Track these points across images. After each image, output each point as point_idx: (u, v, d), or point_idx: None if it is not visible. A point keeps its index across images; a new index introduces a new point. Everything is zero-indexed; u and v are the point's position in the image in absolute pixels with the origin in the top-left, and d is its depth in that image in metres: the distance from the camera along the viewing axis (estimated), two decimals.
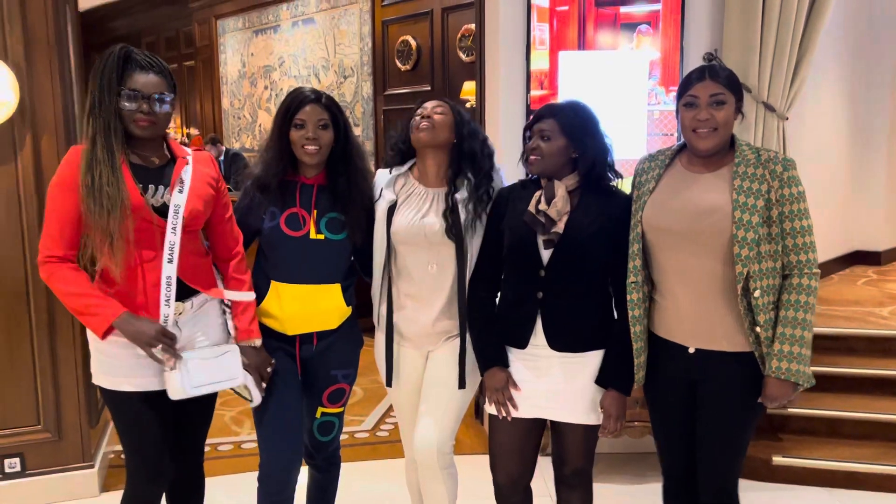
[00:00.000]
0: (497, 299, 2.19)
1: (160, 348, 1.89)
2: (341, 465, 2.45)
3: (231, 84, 10.13)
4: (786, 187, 1.91)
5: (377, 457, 3.48)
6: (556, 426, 2.14)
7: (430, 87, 6.95)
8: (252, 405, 2.17)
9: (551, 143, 2.03)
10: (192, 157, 2.03)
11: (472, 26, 4.27)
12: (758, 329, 1.93)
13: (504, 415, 2.10)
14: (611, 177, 2.11)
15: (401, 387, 2.31)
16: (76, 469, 2.98)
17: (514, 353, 2.11)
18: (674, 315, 2.03)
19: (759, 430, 3.35)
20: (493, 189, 2.19)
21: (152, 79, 1.90)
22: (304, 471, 2.33)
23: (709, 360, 1.99)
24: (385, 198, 2.19)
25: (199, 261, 2.05)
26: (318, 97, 2.15)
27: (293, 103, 2.14)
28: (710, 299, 1.96)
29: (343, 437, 2.43)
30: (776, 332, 1.93)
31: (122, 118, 1.88)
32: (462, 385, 2.19)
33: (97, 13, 11.57)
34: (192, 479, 2.24)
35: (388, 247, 2.19)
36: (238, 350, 2.07)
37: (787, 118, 3.24)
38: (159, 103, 1.91)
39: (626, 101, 3.29)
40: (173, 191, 1.94)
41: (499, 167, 2.27)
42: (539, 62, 3.29)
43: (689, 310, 1.99)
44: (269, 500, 2.20)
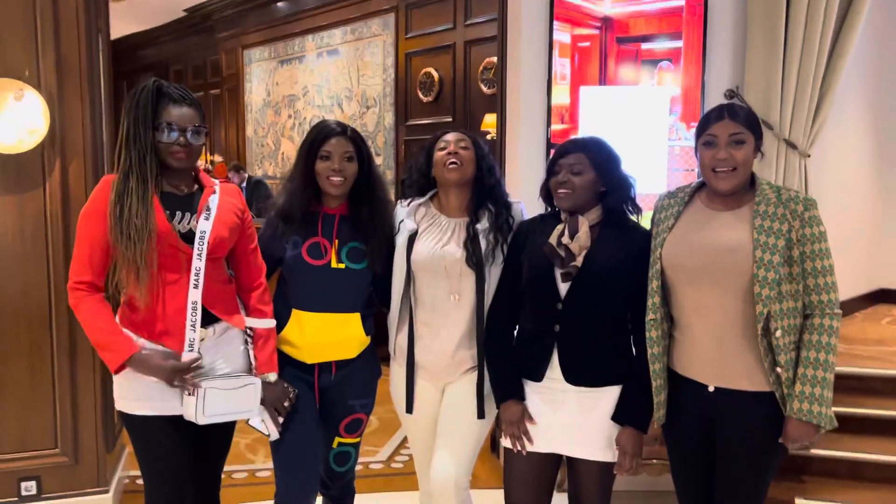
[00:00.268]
0: (514, 332, 2.18)
1: (183, 382, 1.94)
2: (356, 495, 2.43)
3: (255, 112, 10.29)
4: (807, 227, 1.90)
5: (392, 489, 3.45)
6: (571, 462, 2.12)
7: (451, 119, 7.01)
8: (270, 439, 2.17)
9: (582, 177, 2.04)
10: (219, 187, 2.07)
11: (494, 59, 4.33)
12: (779, 369, 1.91)
13: (519, 448, 2.08)
14: (631, 212, 2.11)
15: (416, 420, 2.30)
16: (92, 493, 2.98)
17: (530, 386, 2.10)
18: (693, 353, 2.01)
19: (782, 472, 3.28)
20: (512, 219, 2.20)
21: (186, 111, 1.95)
22: (319, 501, 2.32)
23: (728, 399, 1.96)
24: (406, 227, 2.21)
25: (223, 288, 2.07)
26: (343, 130, 2.19)
27: (319, 135, 2.17)
28: (730, 338, 1.95)
29: (358, 467, 2.42)
30: (797, 372, 1.90)
31: (157, 150, 1.92)
32: (481, 415, 2.18)
33: (126, 42, 11.84)
34: None
35: (408, 275, 2.20)
36: (260, 384, 2.08)
37: (810, 155, 3.22)
38: (194, 135, 1.96)
39: (647, 136, 3.30)
40: (200, 217, 1.97)
41: (519, 200, 2.28)
42: (560, 97, 3.31)
43: (709, 348, 1.97)
44: None
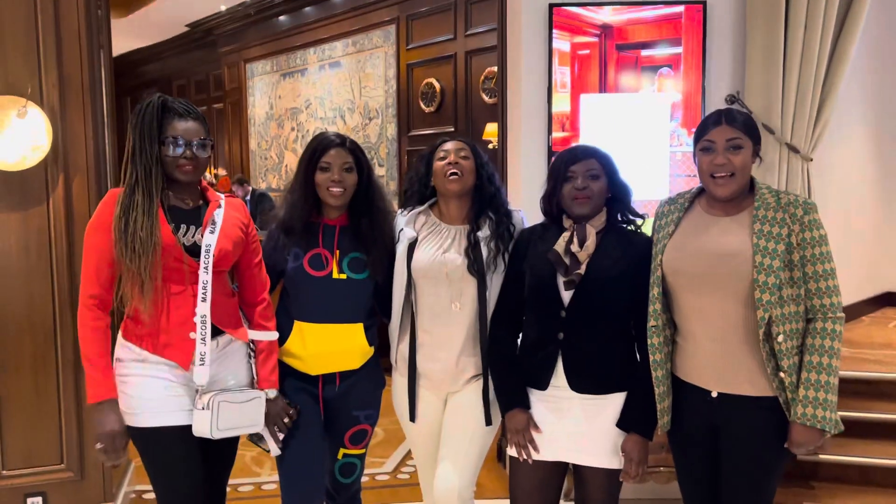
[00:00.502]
0: (518, 340, 2.18)
1: (105, 447, 1.97)
2: None
3: (259, 125, 10.34)
4: (807, 231, 1.89)
5: (398, 500, 3.43)
6: (578, 470, 2.11)
7: (453, 128, 7.03)
8: (271, 454, 2.17)
9: (599, 183, 2.04)
10: (224, 201, 2.08)
11: (495, 68, 4.34)
12: (782, 374, 1.90)
13: (525, 457, 2.07)
14: (632, 218, 2.12)
15: (419, 430, 2.29)
16: None
17: (535, 395, 2.09)
18: (696, 358, 2.00)
19: (790, 477, 3.26)
20: (513, 227, 2.20)
21: (191, 125, 1.97)
22: None
23: (732, 404, 1.95)
24: (405, 235, 2.21)
25: (227, 301, 2.07)
26: (342, 141, 2.20)
27: (319, 147, 2.18)
28: (732, 343, 1.94)
29: (363, 479, 2.41)
30: (801, 377, 1.89)
31: (163, 164, 1.94)
32: (489, 422, 2.18)
33: (129, 58, 11.93)
34: None
35: (409, 284, 2.20)
36: (264, 398, 2.09)
37: (812, 159, 3.22)
38: (200, 148, 1.97)
39: (649, 142, 3.30)
40: (205, 231, 1.99)
41: (520, 209, 2.28)
42: (561, 105, 3.31)
43: (711, 353, 1.97)
44: None
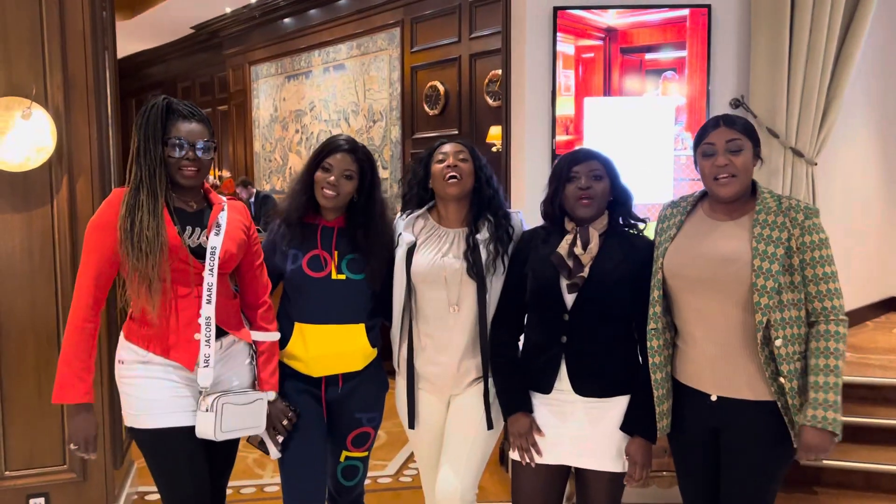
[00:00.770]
0: (520, 343, 2.18)
1: (78, 448, 1.98)
2: None
3: (263, 128, 10.35)
4: (807, 234, 1.89)
5: (400, 502, 3.43)
6: (580, 474, 2.11)
7: (457, 131, 7.03)
8: (272, 456, 2.17)
9: (603, 183, 2.05)
10: (227, 203, 2.09)
11: (499, 71, 4.34)
12: (781, 380, 1.89)
13: (528, 461, 2.07)
14: (633, 223, 2.12)
15: (421, 434, 2.29)
16: None
17: (538, 398, 2.09)
18: (695, 362, 2.00)
19: (794, 483, 3.25)
20: (512, 229, 2.20)
21: (195, 127, 1.98)
22: None
23: (731, 408, 1.95)
24: (404, 240, 2.20)
25: (228, 303, 2.08)
26: (352, 148, 2.20)
27: (327, 147, 2.20)
28: (732, 347, 1.94)
29: (366, 482, 2.40)
30: (810, 380, 1.88)
31: (166, 166, 1.95)
32: (490, 426, 2.17)
33: (134, 60, 11.96)
34: None
35: (409, 288, 2.19)
36: (266, 400, 2.10)
37: (816, 163, 3.21)
38: (203, 151, 1.98)
39: (653, 146, 3.29)
40: (210, 233, 1.99)
41: (518, 210, 2.28)
42: (565, 108, 3.31)
43: (711, 357, 1.97)
44: None
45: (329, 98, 8.99)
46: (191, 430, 1.98)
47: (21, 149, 2.66)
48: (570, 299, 2.03)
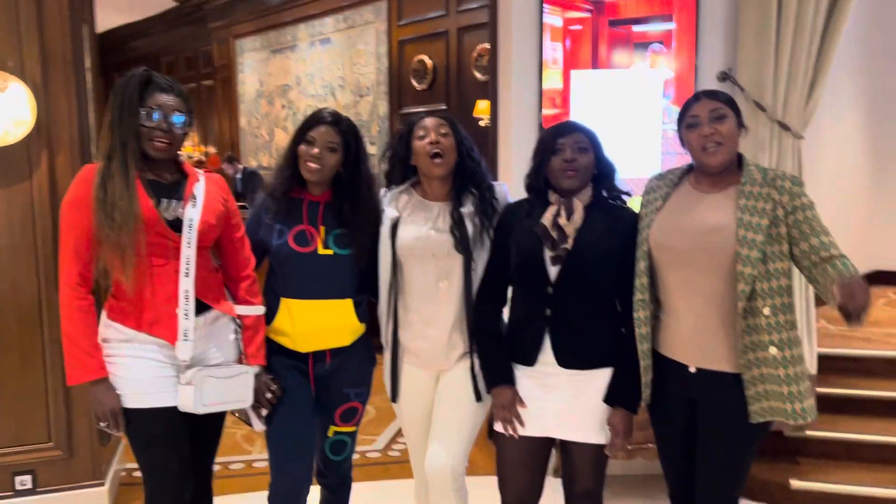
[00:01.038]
0: (503, 316, 2.17)
1: (108, 424, 1.95)
2: (352, 485, 2.43)
3: (249, 103, 10.24)
4: (796, 199, 1.90)
5: (388, 477, 3.45)
6: (565, 446, 2.12)
7: (445, 106, 6.98)
8: (255, 429, 2.17)
9: (587, 156, 2.05)
10: (203, 175, 2.07)
11: (488, 45, 4.30)
12: (773, 349, 1.90)
13: (511, 432, 2.08)
14: (617, 195, 2.12)
15: (410, 409, 2.29)
16: (87, 487, 2.98)
17: (522, 371, 2.10)
18: (676, 334, 2.01)
19: (777, 454, 3.29)
20: (496, 201, 2.18)
21: (173, 98, 1.95)
22: (315, 490, 2.31)
23: (709, 380, 1.97)
24: (387, 215, 2.19)
25: (210, 276, 2.06)
26: (336, 120, 2.17)
27: (311, 120, 2.18)
28: (713, 319, 1.95)
29: (354, 456, 2.41)
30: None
31: (139, 137, 1.92)
32: (479, 398, 2.18)
33: (117, 34, 11.77)
34: (201, 499, 2.23)
35: (394, 263, 2.18)
36: (252, 373, 2.09)
37: (803, 137, 3.20)
38: (178, 124, 1.95)
39: (640, 119, 3.28)
40: (187, 205, 1.97)
41: (502, 182, 2.27)
42: (552, 81, 3.28)
43: (691, 329, 1.98)
44: None
45: (315, 72, 8.89)
46: (175, 409, 1.98)
47: None
48: (553, 272, 2.03)
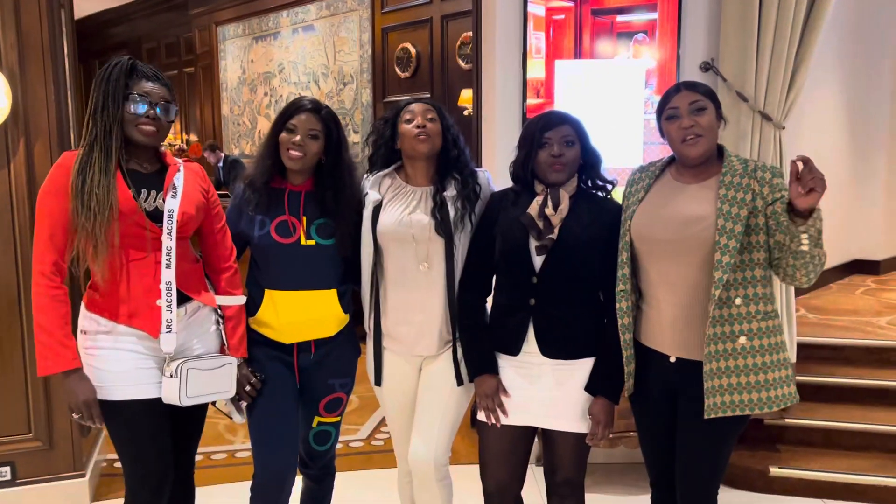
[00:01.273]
0: (487, 305, 2.18)
1: (82, 416, 1.92)
2: (336, 474, 2.43)
3: (231, 90, 10.14)
4: (777, 190, 1.91)
5: (372, 466, 3.46)
6: (547, 435, 2.13)
7: (429, 94, 6.94)
8: (236, 421, 2.17)
9: (574, 149, 2.04)
10: (183, 165, 2.04)
11: (471, 34, 4.29)
12: (742, 339, 1.92)
13: (494, 421, 2.09)
14: (601, 183, 2.12)
15: (393, 397, 2.29)
16: (67, 478, 2.95)
17: (506, 360, 2.10)
18: (657, 324, 2.03)
19: (756, 441, 3.33)
20: (479, 187, 2.19)
21: (159, 87, 1.94)
22: (298, 480, 2.31)
23: (688, 369, 1.98)
24: (370, 199, 2.18)
25: (191, 267, 2.04)
26: (316, 108, 2.16)
27: (290, 108, 2.16)
28: (692, 308, 1.96)
29: (338, 446, 2.41)
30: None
31: (123, 124, 1.90)
32: (460, 382, 2.18)
33: (97, 19, 11.60)
34: (183, 490, 2.22)
35: (376, 249, 2.18)
36: (235, 364, 2.08)
37: (784, 127, 3.22)
38: (164, 111, 1.93)
39: (623, 109, 3.28)
40: (167, 196, 1.95)
41: (485, 169, 2.27)
42: (535, 71, 3.28)
43: (673, 319, 1.99)
44: None
45: (298, 60, 8.82)
46: (155, 401, 1.96)
47: None
48: (538, 262, 2.03)
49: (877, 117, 5.01)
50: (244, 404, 2.14)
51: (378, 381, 2.28)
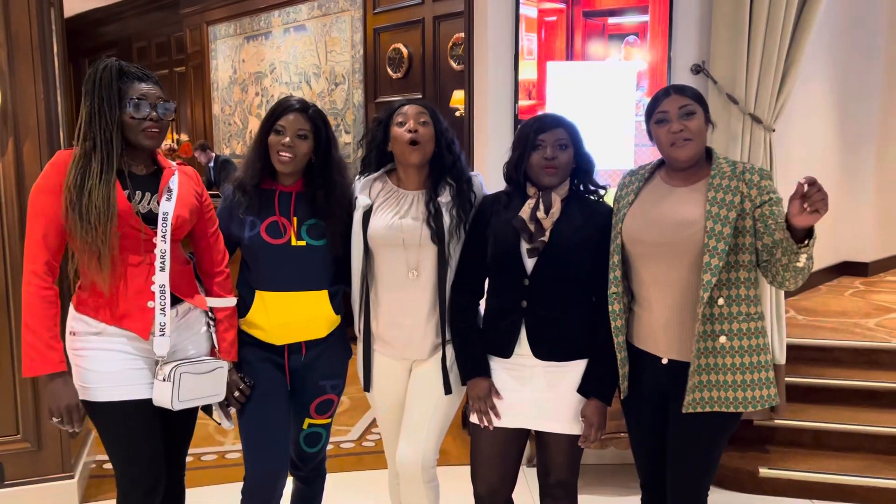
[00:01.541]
0: (480, 307, 2.18)
1: (61, 420, 1.90)
2: (326, 475, 2.42)
3: (222, 90, 10.11)
4: (765, 193, 1.92)
5: (362, 467, 3.45)
6: (540, 436, 2.13)
7: (421, 95, 6.95)
8: (224, 427, 2.15)
9: (568, 153, 2.04)
10: (178, 168, 2.04)
11: (463, 34, 4.29)
12: (722, 339, 1.93)
13: (486, 424, 2.09)
14: (593, 188, 2.12)
15: (383, 399, 2.28)
16: (56, 480, 2.93)
17: (498, 363, 2.10)
18: (649, 326, 2.03)
19: (746, 442, 3.34)
20: (474, 194, 2.18)
21: (153, 87, 1.92)
22: (289, 481, 2.30)
23: (680, 371, 1.98)
24: (360, 203, 2.17)
25: (182, 269, 2.03)
26: (304, 107, 2.14)
27: (278, 109, 2.14)
28: (683, 310, 1.97)
29: (328, 447, 2.40)
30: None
31: (124, 128, 1.87)
32: (448, 391, 2.17)
33: (87, 18, 11.54)
34: (173, 492, 2.20)
35: (366, 252, 2.17)
36: (226, 368, 2.07)
37: (774, 130, 3.24)
38: (164, 111, 1.92)
39: (614, 111, 3.29)
40: (161, 199, 1.94)
41: (477, 172, 2.26)
42: (527, 72, 3.28)
43: (664, 321, 2.00)
44: None
45: (290, 60, 8.80)
46: (146, 402, 1.95)
47: None
48: (530, 264, 2.03)
49: (866, 120, 5.02)
50: (233, 410, 2.13)
51: (367, 387, 2.28)
